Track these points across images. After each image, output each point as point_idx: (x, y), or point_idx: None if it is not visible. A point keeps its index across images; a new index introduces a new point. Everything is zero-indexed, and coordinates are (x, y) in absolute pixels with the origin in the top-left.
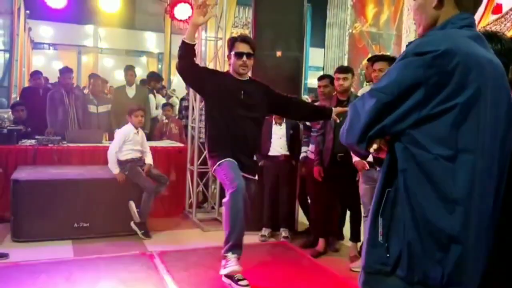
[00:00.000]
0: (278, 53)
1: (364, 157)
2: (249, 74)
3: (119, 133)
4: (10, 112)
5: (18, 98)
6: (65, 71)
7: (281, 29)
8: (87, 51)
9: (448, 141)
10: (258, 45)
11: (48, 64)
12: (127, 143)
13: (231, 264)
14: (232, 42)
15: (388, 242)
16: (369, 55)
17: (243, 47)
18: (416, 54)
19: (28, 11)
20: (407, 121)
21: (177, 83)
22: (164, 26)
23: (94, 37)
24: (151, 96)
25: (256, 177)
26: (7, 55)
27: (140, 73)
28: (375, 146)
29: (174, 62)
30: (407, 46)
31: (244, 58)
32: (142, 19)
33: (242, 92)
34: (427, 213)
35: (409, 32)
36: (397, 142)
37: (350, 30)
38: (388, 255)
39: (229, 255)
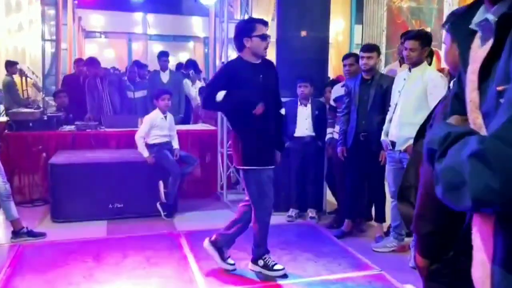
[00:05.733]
0: (303, 33)
1: None
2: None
3: (146, 119)
4: None
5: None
6: (89, 63)
7: (306, 7)
8: (137, 38)
9: None
10: (282, 25)
11: (101, 52)
12: (154, 129)
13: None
14: (254, 24)
15: None
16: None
17: (266, 30)
18: None
19: (76, 1)
20: None
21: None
22: (209, 10)
23: (143, 24)
24: (187, 80)
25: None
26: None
27: (187, 57)
28: None
29: (219, 46)
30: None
31: (269, 40)
32: (188, 3)
33: (260, 76)
34: None
35: (452, 5)
36: None
37: (388, 5)
38: None
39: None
